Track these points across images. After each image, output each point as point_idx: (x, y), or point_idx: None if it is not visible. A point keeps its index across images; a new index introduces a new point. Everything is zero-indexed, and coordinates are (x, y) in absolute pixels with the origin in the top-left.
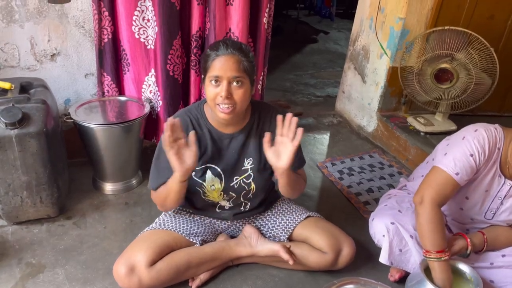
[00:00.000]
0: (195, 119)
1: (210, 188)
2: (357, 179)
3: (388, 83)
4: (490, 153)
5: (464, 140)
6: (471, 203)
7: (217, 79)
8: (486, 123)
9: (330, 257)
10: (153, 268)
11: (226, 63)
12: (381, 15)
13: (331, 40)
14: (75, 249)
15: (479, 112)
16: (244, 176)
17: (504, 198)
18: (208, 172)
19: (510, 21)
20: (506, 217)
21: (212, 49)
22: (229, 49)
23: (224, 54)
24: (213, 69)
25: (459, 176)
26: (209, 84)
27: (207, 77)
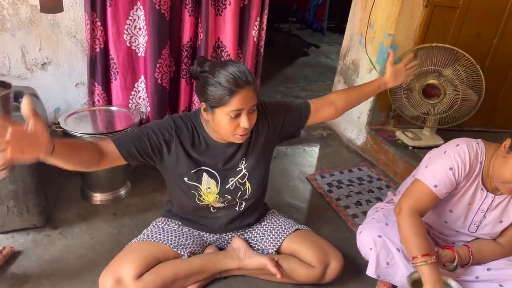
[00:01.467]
0: (193, 127)
1: (206, 191)
2: (346, 192)
3: (377, 97)
4: (471, 167)
5: (445, 154)
6: (455, 216)
7: (239, 112)
8: (469, 138)
9: (318, 271)
10: (140, 280)
11: (246, 96)
12: (370, 31)
13: (322, 53)
14: (61, 260)
15: (466, 128)
16: (239, 176)
17: (487, 211)
18: (204, 175)
19: (496, 39)
20: (490, 230)
21: (230, 82)
22: (248, 80)
23: (244, 88)
24: (234, 103)
25: (437, 189)
26: (224, 117)
27: (226, 111)
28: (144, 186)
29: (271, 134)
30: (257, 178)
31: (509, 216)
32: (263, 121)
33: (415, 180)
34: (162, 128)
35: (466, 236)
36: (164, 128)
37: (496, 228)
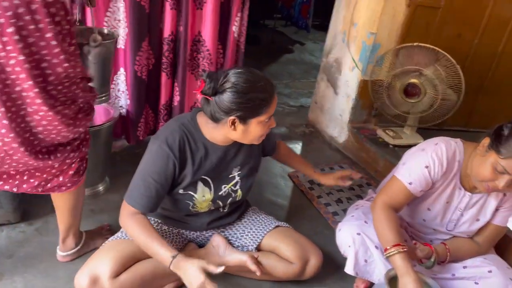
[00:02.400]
0: (189, 133)
1: (201, 199)
2: (327, 189)
3: (359, 95)
4: (448, 166)
5: (422, 152)
6: (433, 214)
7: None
8: (448, 137)
9: (297, 268)
10: (117, 279)
11: (276, 99)
12: (353, 30)
13: (306, 51)
14: (36, 257)
15: (446, 127)
16: (232, 183)
17: (464, 210)
18: (200, 184)
19: (476, 40)
20: (467, 229)
21: (265, 92)
22: (272, 83)
23: (274, 94)
24: (270, 110)
25: (412, 186)
26: (259, 125)
27: (260, 120)
28: (124, 182)
29: (260, 149)
30: (248, 186)
31: (485, 215)
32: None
33: (392, 177)
34: (163, 163)
35: (444, 234)
36: (164, 164)
37: (473, 226)
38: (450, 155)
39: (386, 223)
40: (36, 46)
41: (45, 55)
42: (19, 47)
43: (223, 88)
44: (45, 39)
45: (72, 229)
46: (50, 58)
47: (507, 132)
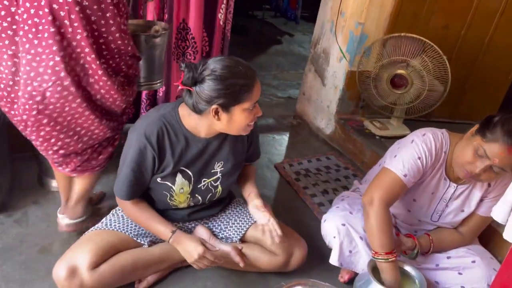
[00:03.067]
0: (169, 124)
1: (179, 191)
2: (313, 180)
3: (346, 86)
4: (436, 156)
5: (413, 143)
6: (418, 205)
7: (255, 104)
8: (434, 128)
9: (282, 259)
10: (96, 271)
11: (259, 85)
12: (341, 19)
13: (295, 42)
14: (14, 249)
15: (432, 118)
16: (212, 178)
17: (449, 201)
18: (179, 175)
19: (463, 31)
20: (451, 219)
21: (246, 77)
22: (253, 69)
23: (256, 79)
24: (253, 97)
25: (406, 178)
26: (244, 113)
27: (244, 107)
28: (106, 172)
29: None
30: (228, 183)
31: (470, 206)
32: (248, 139)
33: (384, 169)
34: (141, 154)
35: (429, 225)
36: (142, 155)
37: (457, 217)
38: (438, 146)
39: (382, 227)
40: (96, 24)
41: (103, 32)
42: (83, 24)
43: (202, 77)
44: (105, 18)
45: (85, 197)
46: (106, 36)
47: (497, 119)
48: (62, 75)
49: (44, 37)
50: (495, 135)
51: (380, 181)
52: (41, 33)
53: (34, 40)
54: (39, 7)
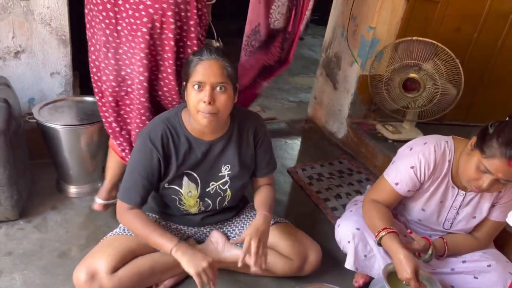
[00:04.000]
0: (173, 127)
1: (187, 195)
2: (326, 184)
3: (358, 90)
4: (436, 167)
5: (411, 152)
6: (427, 214)
7: (200, 84)
8: (439, 136)
9: (296, 264)
10: (115, 275)
11: (209, 68)
12: (352, 24)
13: (306, 46)
14: (35, 254)
15: (445, 121)
16: (220, 182)
17: (460, 208)
18: (185, 179)
19: (476, 34)
20: (464, 226)
21: (196, 54)
22: (213, 54)
23: (207, 59)
24: (196, 74)
25: (398, 186)
26: (191, 90)
27: (190, 82)
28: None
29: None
30: (238, 188)
31: (481, 212)
32: (255, 140)
33: (381, 176)
34: (147, 158)
35: (441, 232)
36: (148, 159)
37: (469, 224)
38: (438, 155)
39: (373, 213)
40: (180, 29)
41: (184, 37)
42: (172, 27)
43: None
44: (188, 25)
45: (118, 183)
46: (186, 40)
47: (492, 131)
48: (141, 70)
49: (137, 35)
50: (492, 150)
51: (374, 187)
52: (135, 31)
53: (129, 36)
54: (137, 10)
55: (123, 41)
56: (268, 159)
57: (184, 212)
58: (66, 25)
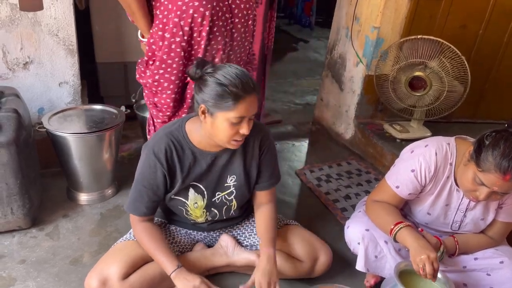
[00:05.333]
0: (177, 141)
1: (193, 206)
2: (335, 186)
3: (364, 90)
4: (437, 170)
5: (411, 155)
6: (433, 217)
7: (241, 119)
8: (442, 138)
9: (307, 266)
10: (126, 281)
11: (252, 103)
12: (356, 24)
13: (311, 48)
14: (47, 261)
15: (453, 119)
16: (226, 192)
17: (467, 211)
18: (191, 190)
19: (481, 31)
20: (472, 227)
21: (236, 87)
22: (254, 86)
23: (250, 95)
24: (239, 110)
25: (399, 189)
26: (226, 123)
27: (228, 117)
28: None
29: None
30: (244, 198)
31: (489, 214)
32: (260, 150)
33: (383, 179)
34: (151, 172)
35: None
36: (153, 173)
37: (478, 226)
38: (440, 158)
39: (381, 212)
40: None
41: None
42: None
43: (203, 73)
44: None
45: None
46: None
47: (488, 143)
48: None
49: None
50: (487, 164)
51: (376, 190)
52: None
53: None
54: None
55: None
56: (271, 171)
57: (191, 222)
58: (73, 35)
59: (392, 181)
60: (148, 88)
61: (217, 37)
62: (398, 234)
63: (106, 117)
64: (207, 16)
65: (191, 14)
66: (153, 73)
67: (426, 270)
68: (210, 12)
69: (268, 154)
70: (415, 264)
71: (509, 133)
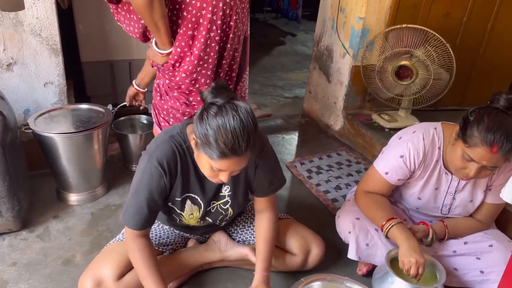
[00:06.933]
0: (179, 145)
1: (189, 217)
2: (326, 177)
3: (352, 81)
4: (425, 155)
5: (399, 141)
6: (424, 202)
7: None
8: (428, 123)
9: (300, 259)
10: (121, 281)
11: (237, 163)
12: (341, 15)
13: (298, 42)
14: (39, 263)
15: (440, 107)
16: (221, 202)
17: (456, 193)
18: (188, 202)
19: (465, 18)
20: (462, 210)
21: (225, 144)
22: (246, 148)
23: (238, 156)
24: (221, 165)
25: (388, 176)
26: (208, 165)
27: (210, 163)
28: (122, 183)
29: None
30: (239, 205)
31: (478, 196)
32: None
33: (371, 167)
34: (153, 180)
35: (440, 218)
36: (154, 181)
37: (467, 208)
38: (427, 143)
39: (372, 204)
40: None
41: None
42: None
43: (209, 105)
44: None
45: None
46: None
47: (472, 119)
48: None
49: None
50: (474, 139)
51: (366, 177)
52: None
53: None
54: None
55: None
56: (270, 179)
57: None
58: (56, 34)
59: (381, 168)
60: (181, 89)
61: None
62: (390, 232)
63: (93, 116)
64: (233, 6)
65: (221, 7)
66: (190, 72)
67: (411, 272)
68: (234, 2)
69: (265, 164)
70: (402, 263)
71: (492, 108)
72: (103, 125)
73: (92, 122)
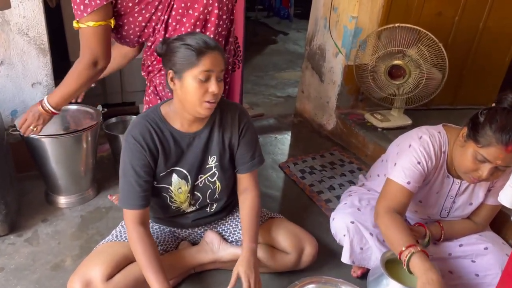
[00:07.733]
0: (155, 123)
1: (177, 191)
2: (319, 177)
3: (344, 81)
4: (436, 158)
5: (410, 148)
6: (424, 206)
7: (209, 74)
8: (430, 127)
9: (293, 258)
10: (110, 282)
11: (216, 58)
12: (334, 15)
13: (290, 40)
14: (27, 268)
15: (433, 106)
16: (208, 174)
17: (456, 197)
18: (174, 176)
19: (457, 17)
20: (461, 213)
21: (199, 43)
22: (217, 44)
23: (213, 50)
24: (204, 64)
25: (410, 185)
26: (194, 81)
27: (194, 74)
28: (113, 185)
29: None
30: (227, 178)
31: (478, 198)
32: (239, 128)
33: (387, 181)
34: (135, 158)
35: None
36: (136, 158)
37: (466, 211)
38: (436, 147)
39: (392, 227)
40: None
41: None
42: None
43: (166, 45)
44: None
45: None
46: None
47: (483, 119)
48: None
49: None
50: (487, 139)
51: (384, 192)
52: None
53: None
54: None
55: None
56: (252, 152)
57: (175, 210)
58: (44, 33)
59: (401, 179)
60: None
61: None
62: (410, 261)
63: (83, 117)
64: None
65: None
66: None
67: None
68: None
69: (248, 132)
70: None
71: (501, 108)
72: (93, 127)
73: (81, 123)
